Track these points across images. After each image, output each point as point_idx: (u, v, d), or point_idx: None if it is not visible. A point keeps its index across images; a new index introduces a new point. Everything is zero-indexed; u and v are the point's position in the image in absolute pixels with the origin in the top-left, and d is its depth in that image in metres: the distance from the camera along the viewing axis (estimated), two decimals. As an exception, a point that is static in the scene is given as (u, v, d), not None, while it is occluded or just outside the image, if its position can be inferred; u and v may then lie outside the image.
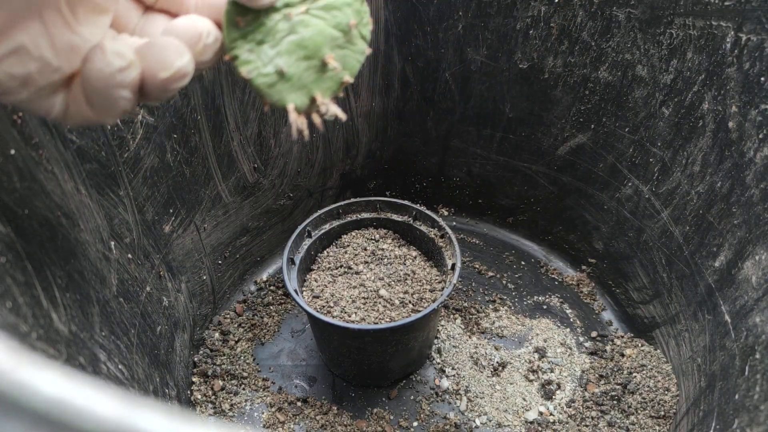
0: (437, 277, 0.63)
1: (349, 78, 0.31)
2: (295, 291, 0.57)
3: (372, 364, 0.61)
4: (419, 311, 0.57)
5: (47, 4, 0.23)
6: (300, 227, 0.63)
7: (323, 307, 0.59)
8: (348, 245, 0.67)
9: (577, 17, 0.60)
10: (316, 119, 0.30)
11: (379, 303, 0.59)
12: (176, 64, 0.25)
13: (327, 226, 0.66)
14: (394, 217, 0.68)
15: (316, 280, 0.63)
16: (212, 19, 0.28)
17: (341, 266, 0.64)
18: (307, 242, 0.64)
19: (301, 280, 0.62)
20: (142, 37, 0.27)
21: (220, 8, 0.28)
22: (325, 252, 0.67)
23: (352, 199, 0.67)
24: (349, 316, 0.58)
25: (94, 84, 0.24)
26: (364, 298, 0.60)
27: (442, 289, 0.61)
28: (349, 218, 0.68)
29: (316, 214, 0.65)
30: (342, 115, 0.30)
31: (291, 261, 0.61)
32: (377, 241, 0.67)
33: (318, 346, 0.67)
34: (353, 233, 0.68)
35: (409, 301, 0.60)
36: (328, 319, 0.54)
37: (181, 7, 0.28)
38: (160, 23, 0.28)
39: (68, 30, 0.24)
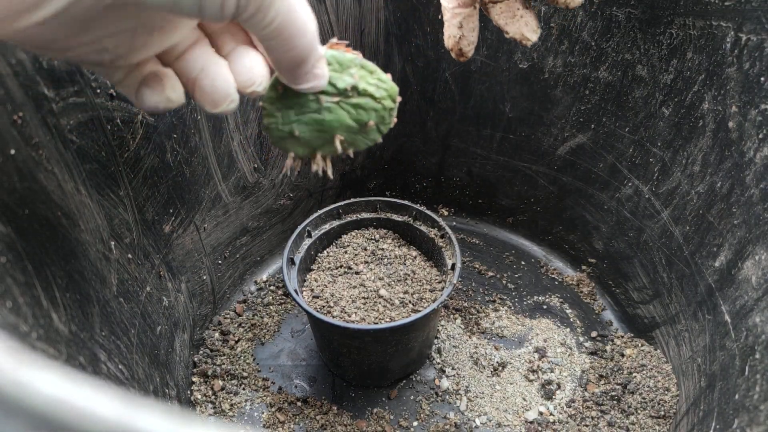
0: (437, 277, 0.63)
1: (351, 153, 0.36)
2: (295, 291, 0.57)
3: (372, 364, 0.61)
4: (419, 311, 0.57)
5: (144, 25, 0.27)
6: (300, 227, 0.63)
7: (323, 307, 0.59)
8: (348, 245, 0.67)
9: (577, 17, 0.60)
10: (313, 169, 0.36)
11: (379, 303, 0.59)
12: (221, 108, 0.30)
13: (327, 226, 0.66)
14: (394, 217, 0.68)
15: (316, 280, 0.63)
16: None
17: (341, 266, 0.64)
18: (307, 242, 0.64)
19: (301, 280, 0.62)
20: (217, 45, 0.32)
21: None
22: (325, 252, 0.67)
23: (352, 199, 0.67)
24: (349, 316, 0.58)
25: (144, 104, 0.30)
26: (364, 298, 0.60)
27: (442, 289, 0.61)
28: (349, 218, 0.68)
29: (316, 214, 0.65)
30: (330, 175, 0.36)
31: (291, 261, 0.61)
32: (377, 241, 0.67)
33: (318, 346, 0.67)
34: (353, 233, 0.68)
35: (409, 301, 0.60)
36: (328, 319, 0.54)
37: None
38: (235, 41, 0.32)
39: (149, 37, 0.27)
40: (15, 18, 0.23)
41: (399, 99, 0.36)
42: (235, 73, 0.31)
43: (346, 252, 0.66)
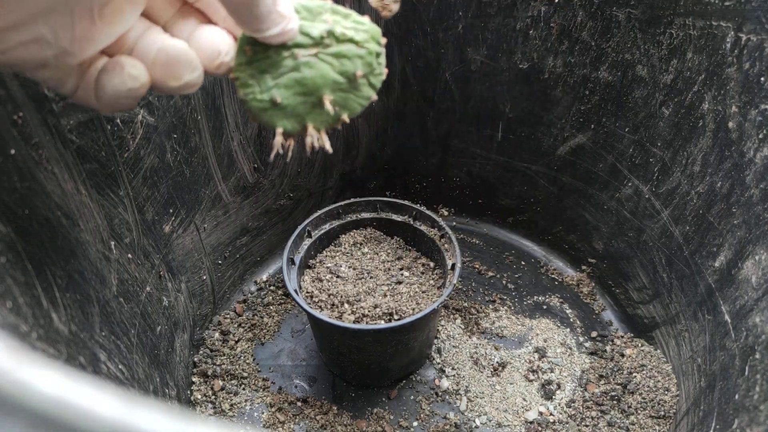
0: (437, 277, 0.63)
1: (346, 118, 0.32)
2: (295, 291, 0.57)
3: (372, 364, 0.61)
4: (419, 311, 0.57)
5: (81, 2, 0.24)
6: (300, 227, 0.63)
7: (323, 307, 0.59)
8: (348, 245, 0.67)
9: (577, 17, 0.60)
10: (308, 144, 0.31)
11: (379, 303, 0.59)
12: (185, 78, 0.28)
13: (327, 226, 0.66)
14: (394, 217, 0.68)
15: (316, 280, 0.63)
16: (236, 33, 0.30)
17: (341, 266, 0.64)
18: (307, 242, 0.64)
19: (301, 280, 0.62)
20: (171, 33, 0.29)
21: None
22: (325, 252, 0.67)
23: (352, 199, 0.67)
24: (349, 316, 0.58)
25: (107, 92, 0.27)
26: (364, 298, 0.60)
27: (442, 289, 0.61)
28: (349, 218, 0.68)
29: (316, 214, 0.65)
30: (329, 149, 0.31)
31: (291, 261, 0.61)
32: (377, 241, 0.67)
33: (318, 346, 0.67)
34: (353, 233, 0.68)
35: (409, 302, 0.60)
36: (328, 319, 0.54)
37: (214, 14, 0.30)
38: (189, 26, 0.30)
39: (92, 24, 0.25)
40: None
41: (384, 41, 0.32)
42: (197, 50, 0.28)
43: (345, 252, 0.66)
